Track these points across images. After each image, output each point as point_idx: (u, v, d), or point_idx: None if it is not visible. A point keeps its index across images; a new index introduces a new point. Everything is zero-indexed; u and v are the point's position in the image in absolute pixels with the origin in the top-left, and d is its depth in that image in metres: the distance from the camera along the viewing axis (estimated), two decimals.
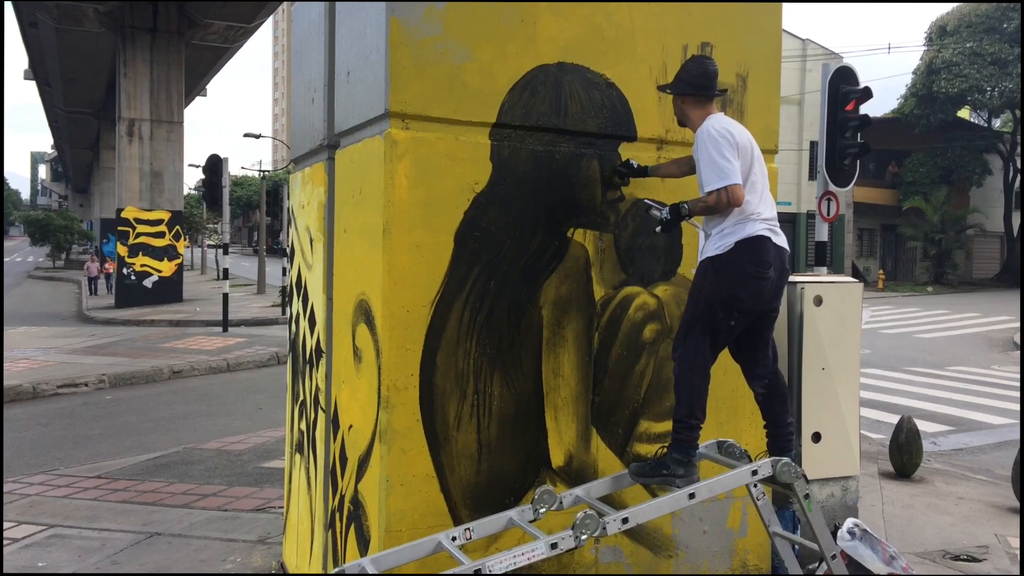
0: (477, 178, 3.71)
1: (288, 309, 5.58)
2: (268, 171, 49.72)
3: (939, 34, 38.87)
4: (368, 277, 3.70)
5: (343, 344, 4.05)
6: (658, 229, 3.76)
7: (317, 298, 4.53)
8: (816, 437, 5.08)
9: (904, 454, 7.75)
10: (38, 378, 13.13)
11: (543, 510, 3.49)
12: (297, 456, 5.11)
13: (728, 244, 3.61)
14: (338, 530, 4.11)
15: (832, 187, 9.81)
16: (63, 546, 6.01)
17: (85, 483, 7.64)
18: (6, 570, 5.60)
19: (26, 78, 46.54)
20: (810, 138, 36.57)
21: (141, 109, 26.42)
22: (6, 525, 6.41)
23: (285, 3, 28.72)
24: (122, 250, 26.01)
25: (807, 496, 3.73)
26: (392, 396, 3.55)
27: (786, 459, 3.70)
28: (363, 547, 3.73)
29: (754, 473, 3.66)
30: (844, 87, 9.43)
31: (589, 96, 3.96)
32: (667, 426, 3.99)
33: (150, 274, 26.12)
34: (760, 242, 3.62)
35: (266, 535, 6.17)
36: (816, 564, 4.32)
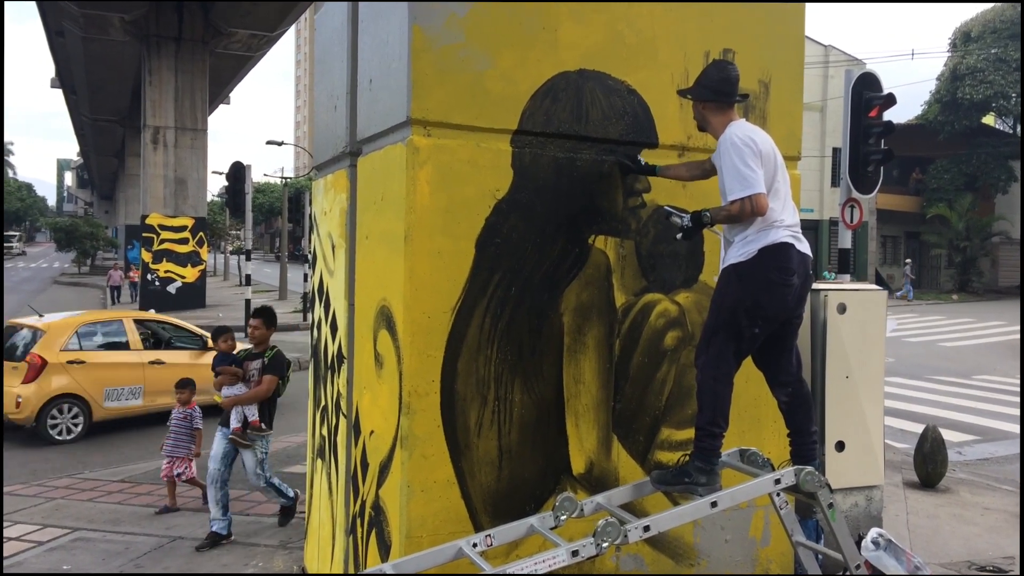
0: (498, 185, 3.71)
1: (310, 315, 5.61)
2: (290, 178, 50.06)
3: (963, 40, 38.50)
4: (390, 283, 3.72)
5: (364, 350, 4.06)
6: (679, 236, 3.73)
7: (339, 304, 4.55)
8: (840, 446, 5.04)
9: (929, 464, 7.67)
10: None
11: (564, 517, 3.48)
12: (319, 461, 5.13)
13: (751, 251, 3.58)
14: (359, 535, 4.12)
15: (855, 194, 9.74)
16: (87, 549, 6.06)
17: (109, 487, 7.71)
18: (29, 570, 5.66)
19: (53, 86, 47.20)
20: (832, 144, 36.20)
21: (166, 117, 26.72)
22: (31, 528, 6.48)
23: (308, 12, 28.95)
24: (146, 256, 26.28)
25: (831, 505, 3.69)
26: (413, 402, 3.55)
27: (810, 468, 3.66)
28: (384, 553, 3.73)
29: (777, 482, 3.63)
30: (867, 93, 9.37)
31: (610, 103, 3.95)
32: (689, 434, 3.96)
33: (174, 280, 26.37)
34: (784, 249, 3.60)
35: (287, 540, 6.20)
36: (840, 574, 4.27)
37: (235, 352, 6.54)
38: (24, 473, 8.42)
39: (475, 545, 3.32)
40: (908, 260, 36.63)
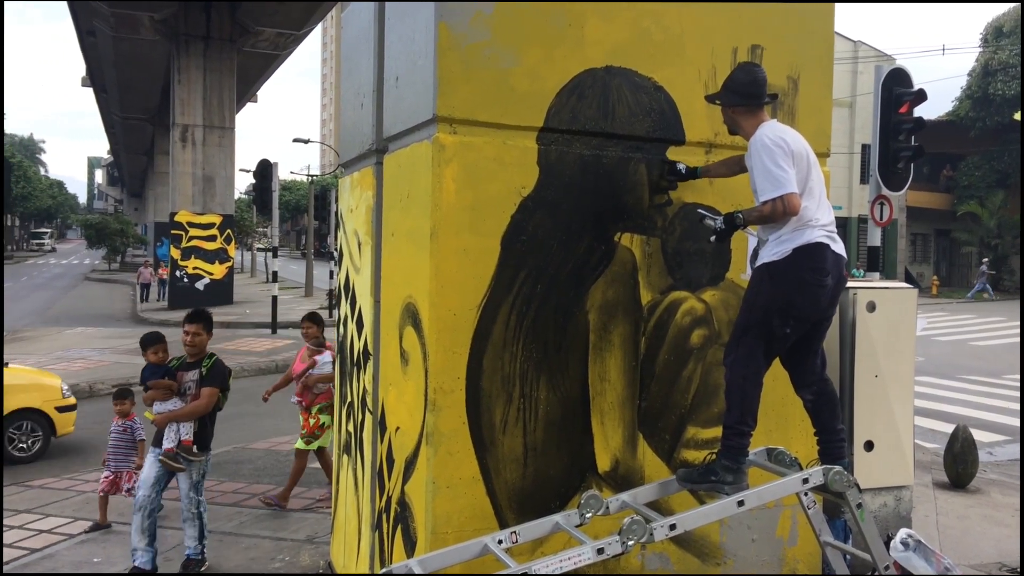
0: (524, 182, 3.71)
1: (336, 312, 5.64)
2: (316, 175, 50.37)
3: (995, 35, 37.91)
4: (415, 280, 3.73)
5: (390, 346, 4.08)
6: (712, 239, 3.71)
7: (365, 301, 4.57)
8: (868, 446, 4.98)
9: (959, 464, 7.58)
10: (94, 378, 13.48)
11: (589, 515, 3.48)
12: (345, 457, 5.16)
13: (786, 251, 3.54)
14: (385, 531, 4.15)
15: (885, 191, 9.64)
16: (118, 542, 6.14)
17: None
18: (61, 563, 5.75)
19: (84, 85, 47.84)
20: (862, 141, 35.95)
21: (194, 115, 26.97)
22: (62, 521, 6.58)
23: (335, 11, 29.09)
24: (175, 253, 26.57)
25: (860, 505, 3.65)
26: (439, 399, 3.57)
27: (838, 467, 3.63)
28: (410, 548, 3.75)
29: (805, 481, 3.60)
30: (898, 89, 9.27)
31: (637, 99, 3.94)
32: (715, 432, 3.94)
33: (202, 276, 26.62)
34: (819, 249, 3.56)
35: (314, 534, 6.25)
36: (868, 574, 4.23)
37: (168, 362, 5.78)
38: (55, 467, 8.56)
39: (500, 542, 3.33)
40: (985, 260, 36.35)
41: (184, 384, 5.61)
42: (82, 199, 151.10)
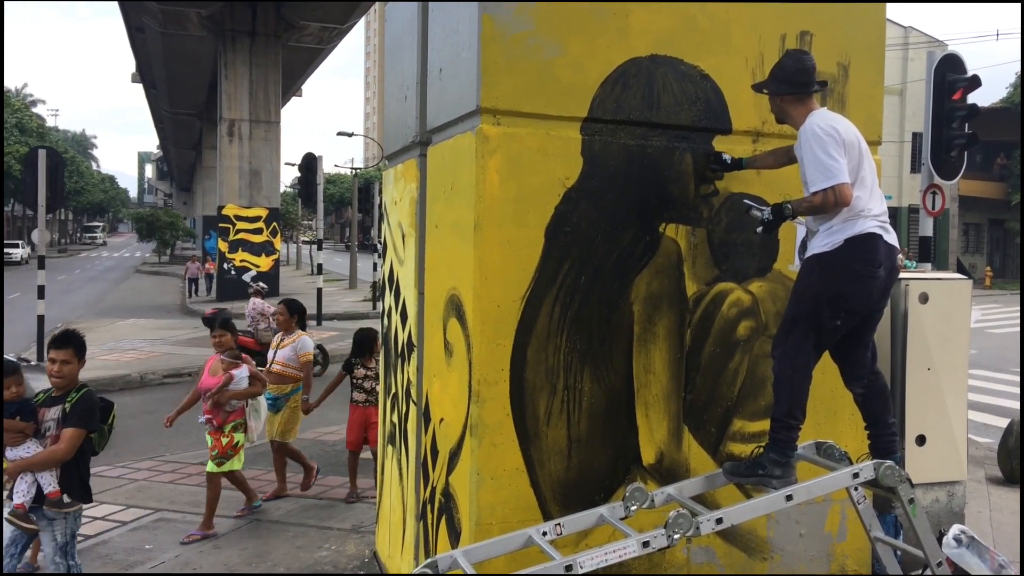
0: (568, 173, 3.69)
1: (380, 303, 5.67)
2: (360, 169, 50.78)
3: None
4: (459, 272, 3.73)
5: (434, 338, 4.09)
6: (759, 230, 3.64)
7: (409, 293, 4.59)
8: (920, 440, 4.89)
9: (1014, 459, 7.40)
10: (145, 368, 13.78)
11: (634, 508, 3.46)
12: (389, 447, 5.20)
13: (837, 241, 3.47)
14: (429, 521, 4.17)
15: (937, 180, 9.44)
16: (168, 529, 6.27)
17: (189, 469, 7.96)
18: (114, 549, 5.87)
19: (134, 81, 48.77)
20: (912, 129, 35.18)
21: (241, 110, 27.37)
22: (115, 508, 6.73)
23: (378, 4, 29.26)
24: (223, 246, 27.01)
25: (912, 501, 3.58)
26: (483, 390, 3.57)
27: (889, 462, 3.55)
28: (454, 539, 3.77)
29: (855, 476, 3.54)
30: (950, 75, 9.06)
31: (682, 88, 3.89)
32: (762, 425, 3.89)
33: (249, 269, 27.03)
34: (871, 240, 3.48)
35: (359, 524, 6.32)
36: (920, 571, 4.15)
37: (34, 397, 4.53)
38: (108, 455, 8.74)
39: (545, 533, 3.33)
40: None
41: (44, 423, 4.41)
42: (132, 193, 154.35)
